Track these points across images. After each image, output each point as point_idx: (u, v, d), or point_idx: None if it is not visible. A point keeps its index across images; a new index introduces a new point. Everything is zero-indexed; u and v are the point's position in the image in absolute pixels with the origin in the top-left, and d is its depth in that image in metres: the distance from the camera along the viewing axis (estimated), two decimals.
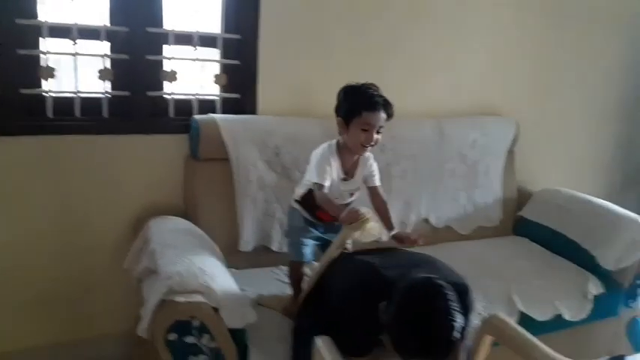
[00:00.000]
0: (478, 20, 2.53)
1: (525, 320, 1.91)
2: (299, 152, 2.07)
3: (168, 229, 1.70)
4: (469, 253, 2.29)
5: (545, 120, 2.85)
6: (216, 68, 2.09)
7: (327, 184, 1.65)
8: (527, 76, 2.74)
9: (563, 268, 2.20)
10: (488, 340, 1.45)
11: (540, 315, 1.94)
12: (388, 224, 1.73)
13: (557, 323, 1.99)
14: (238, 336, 1.51)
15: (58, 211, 1.92)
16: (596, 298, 2.08)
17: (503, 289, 1.99)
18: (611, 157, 3.16)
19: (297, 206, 1.75)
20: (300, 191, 1.75)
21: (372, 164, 1.78)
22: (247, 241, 2.04)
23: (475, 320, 1.60)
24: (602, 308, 2.12)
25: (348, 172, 1.73)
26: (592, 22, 2.82)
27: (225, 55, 2.09)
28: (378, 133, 1.64)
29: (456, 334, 1.25)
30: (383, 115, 1.63)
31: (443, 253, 2.24)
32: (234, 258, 2.01)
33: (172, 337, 1.34)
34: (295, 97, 2.20)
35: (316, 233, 1.76)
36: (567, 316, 1.98)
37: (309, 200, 1.71)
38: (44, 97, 1.86)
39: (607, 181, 3.17)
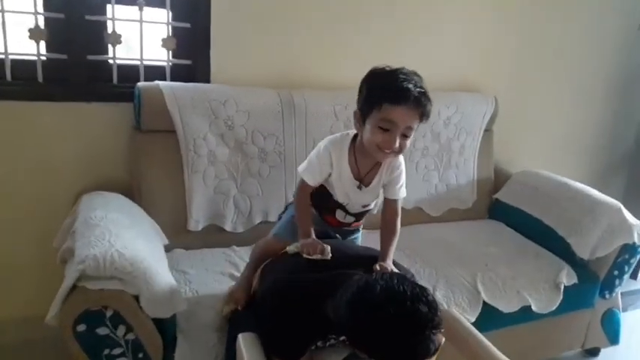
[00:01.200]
0: None
1: (490, 311, 1.79)
2: (254, 125, 1.92)
3: (99, 206, 1.54)
4: (437, 237, 2.17)
5: (527, 99, 2.69)
6: (164, 31, 1.91)
7: (311, 182, 1.43)
8: (509, 52, 2.56)
9: (535, 257, 2.06)
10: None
11: (506, 306, 1.81)
12: (383, 255, 1.40)
13: (526, 315, 1.87)
14: (166, 326, 1.38)
15: None
16: (569, 289, 1.95)
17: (468, 277, 1.86)
18: (596, 141, 3.00)
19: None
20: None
21: (399, 172, 1.43)
22: (197, 220, 1.90)
23: None
24: (576, 300, 2.00)
25: (363, 179, 1.43)
26: (582, 7, 2.64)
27: (174, 16, 1.91)
28: (405, 137, 1.27)
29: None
30: (414, 112, 1.24)
31: (410, 236, 2.14)
32: (183, 237, 1.89)
33: (81, 328, 1.20)
34: (252, 65, 2.02)
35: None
36: (535, 308, 1.85)
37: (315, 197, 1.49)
38: None
39: (591, 165, 3.02)
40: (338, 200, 1.49)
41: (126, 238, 1.38)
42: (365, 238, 1.75)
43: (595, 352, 2.25)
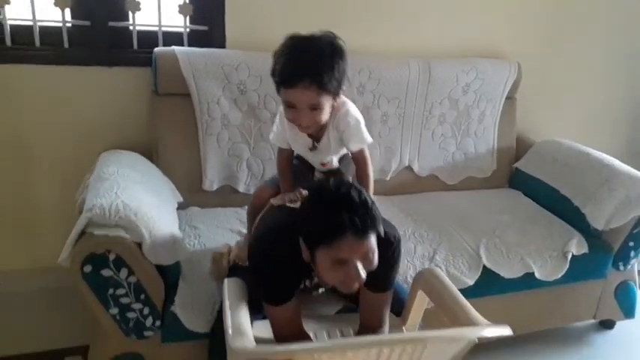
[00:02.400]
0: None
1: (491, 276, 1.81)
2: (266, 90, 1.97)
3: (112, 163, 1.66)
4: (449, 203, 2.18)
5: (554, 66, 2.60)
6: None
7: (282, 146, 1.52)
8: (534, 16, 2.48)
9: (547, 225, 2.04)
10: (421, 295, 1.35)
11: (507, 272, 1.81)
12: None
13: (531, 282, 1.87)
14: (170, 272, 1.49)
15: (13, 142, 1.92)
16: (579, 258, 1.92)
17: (472, 242, 1.87)
18: (630, 113, 2.87)
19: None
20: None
21: (345, 126, 1.41)
22: (211, 180, 2.00)
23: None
24: (585, 269, 1.97)
25: (316, 139, 1.46)
26: None
27: None
28: (314, 109, 1.30)
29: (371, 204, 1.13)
30: (308, 91, 1.26)
31: (421, 203, 2.17)
32: (198, 197, 1.99)
33: (88, 269, 1.32)
34: (266, 30, 2.06)
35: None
36: (539, 276, 1.84)
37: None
38: (1, 24, 1.83)
39: (626, 136, 2.90)
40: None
41: (133, 191, 1.48)
42: None
43: (610, 324, 2.22)
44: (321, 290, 1.46)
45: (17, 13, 1.87)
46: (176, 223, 1.62)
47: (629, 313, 2.15)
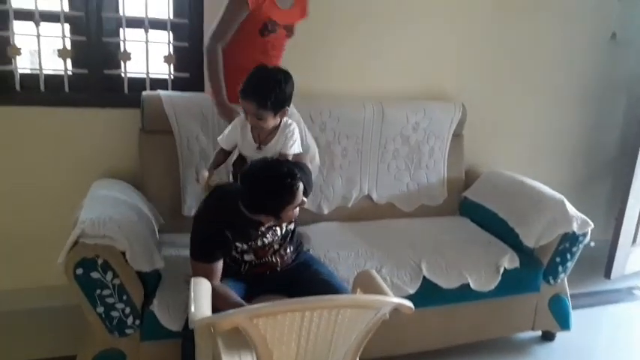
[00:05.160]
0: (428, 4, 2.66)
1: (432, 288, 2.06)
2: None
3: (103, 188, 1.95)
4: (401, 228, 2.46)
5: (497, 105, 2.95)
6: (166, 50, 2.33)
7: (219, 142, 1.91)
8: (478, 62, 2.84)
9: (485, 244, 2.32)
10: (359, 293, 1.61)
11: (446, 283, 2.08)
12: None
13: (468, 294, 2.12)
14: (149, 278, 1.75)
15: (18, 170, 2.23)
16: (511, 272, 2.19)
17: (415, 258, 2.14)
18: (575, 146, 3.22)
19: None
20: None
21: (289, 132, 1.84)
22: (190, 206, 2.26)
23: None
24: (518, 283, 2.24)
25: (262, 141, 1.86)
26: (549, 10, 2.90)
27: (175, 38, 2.33)
28: (259, 119, 1.74)
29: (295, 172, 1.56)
30: (252, 104, 1.72)
31: (377, 228, 2.45)
32: (178, 220, 2.25)
33: (79, 271, 1.58)
34: None
35: None
36: (474, 286, 2.11)
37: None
38: (12, 73, 2.15)
39: (571, 168, 3.24)
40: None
41: (119, 209, 1.77)
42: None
43: (550, 336, 2.45)
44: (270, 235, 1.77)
45: (26, 63, 2.19)
46: (155, 238, 1.89)
47: (564, 325, 2.39)
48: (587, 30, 3.02)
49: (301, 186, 1.59)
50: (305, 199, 1.67)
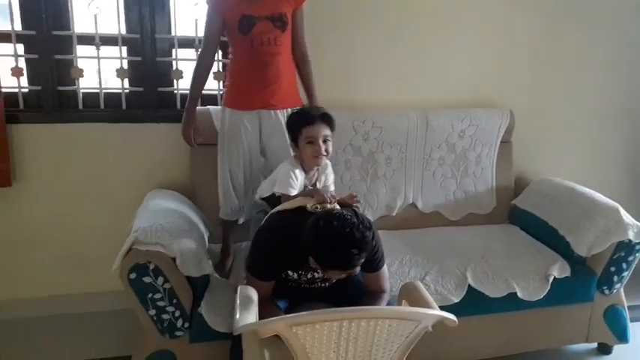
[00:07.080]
0: (474, 14, 2.66)
1: (478, 296, 2.04)
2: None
3: (156, 198, 2.07)
4: (448, 236, 2.44)
5: (548, 111, 2.89)
6: (215, 66, 2.43)
7: (293, 192, 1.85)
8: (525, 67, 2.80)
9: (534, 253, 2.27)
10: (405, 305, 1.62)
11: (492, 291, 2.05)
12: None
13: (517, 303, 2.08)
14: (198, 283, 1.84)
15: (81, 182, 2.40)
16: (562, 281, 2.13)
17: (460, 266, 2.12)
18: (627, 153, 3.08)
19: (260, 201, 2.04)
20: (264, 194, 1.98)
21: (328, 173, 1.99)
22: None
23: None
24: (569, 292, 2.17)
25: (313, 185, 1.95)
26: (597, 18, 2.82)
27: (223, 55, 2.44)
28: (325, 142, 1.83)
29: (363, 234, 1.48)
30: (323, 126, 1.84)
31: (423, 236, 2.45)
32: None
33: (133, 276, 1.69)
34: None
35: None
36: (521, 295, 2.06)
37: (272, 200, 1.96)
38: (76, 92, 2.33)
39: (621, 174, 3.10)
40: None
41: (171, 219, 1.87)
42: None
43: (607, 350, 2.35)
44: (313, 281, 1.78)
45: (87, 83, 2.36)
46: (204, 245, 1.98)
47: (622, 338, 2.29)
48: (638, 40, 2.91)
49: (362, 261, 1.53)
50: (357, 270, 1.60)
